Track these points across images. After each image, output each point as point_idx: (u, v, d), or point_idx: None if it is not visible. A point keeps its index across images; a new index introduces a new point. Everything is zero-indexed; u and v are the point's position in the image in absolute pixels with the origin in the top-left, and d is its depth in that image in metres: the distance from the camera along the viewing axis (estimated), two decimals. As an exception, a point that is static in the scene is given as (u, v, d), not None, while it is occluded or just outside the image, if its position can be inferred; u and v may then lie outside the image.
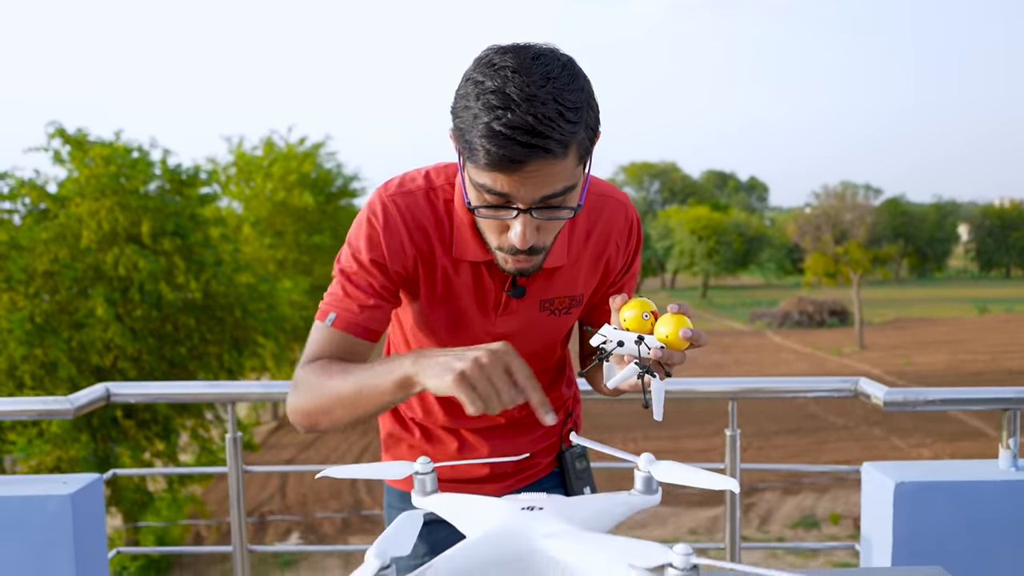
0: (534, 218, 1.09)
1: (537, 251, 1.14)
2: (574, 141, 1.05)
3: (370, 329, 1.23)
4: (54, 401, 1.92)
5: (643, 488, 0.95)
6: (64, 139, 12.05)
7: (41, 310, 11.26)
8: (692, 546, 0.76)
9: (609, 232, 1.31)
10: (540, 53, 1.06)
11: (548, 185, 1.05)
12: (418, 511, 0.83)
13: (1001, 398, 1.97)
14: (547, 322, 1.32)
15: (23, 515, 1.84)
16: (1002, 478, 1.93)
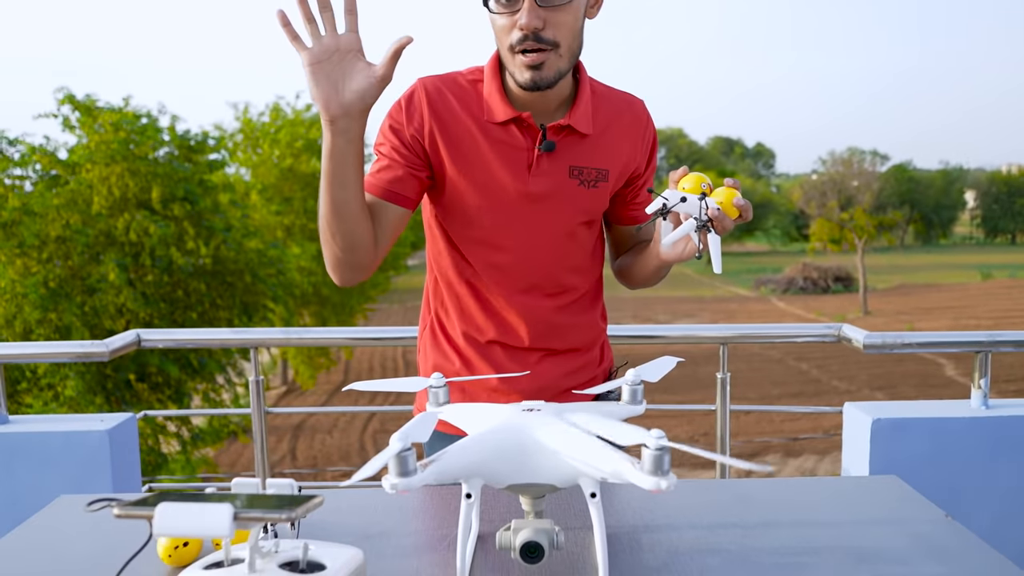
0: (538, 4, 1.24)
1: (546, 41, 1.27)
2: None
3: (391, 191, 1.36)
4: (91, 345, 2.06)
5: (629, 399, 1.09)
6: (73, 105, 12.13)
7: (54, 275, 11.43)
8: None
9: (628, 114, 1.45)
10: None
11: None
12: (433, 412, 0.97)
13: (973, 341, 2.10)
14: (577, 192, 1.40)
15: (66, 448, 2.00)
16: (972, 415, 2.08)
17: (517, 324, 1.45)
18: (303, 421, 18.59)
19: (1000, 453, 2.05)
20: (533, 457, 0.91)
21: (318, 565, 0.83)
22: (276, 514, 0.73)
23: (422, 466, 0.83)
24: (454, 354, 1.50)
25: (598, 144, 1.41)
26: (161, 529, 0.71)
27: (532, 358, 1.48)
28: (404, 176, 1.36)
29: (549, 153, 1.37)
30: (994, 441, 2.06)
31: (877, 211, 43.36)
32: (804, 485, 1.26)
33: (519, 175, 1.38)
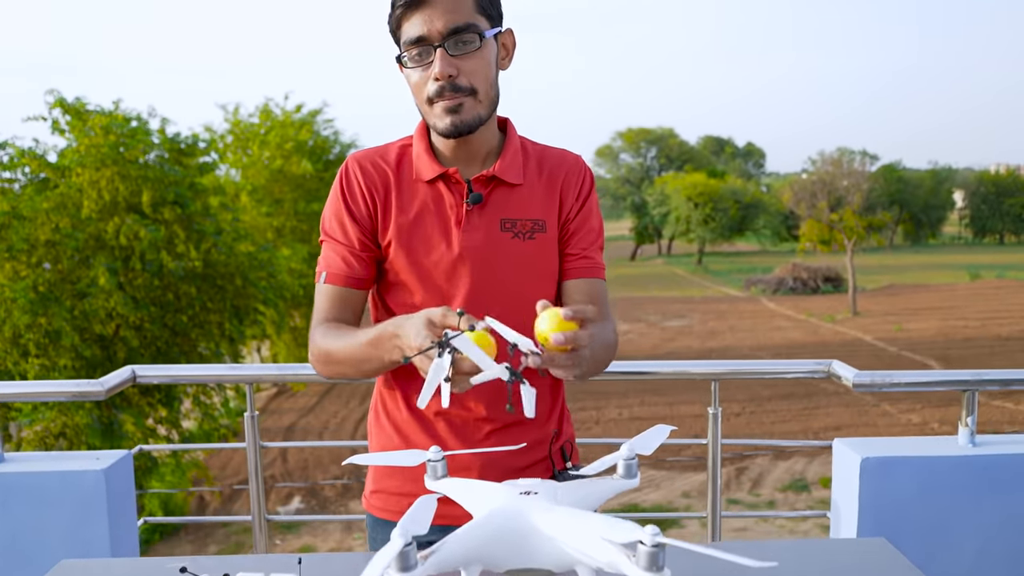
0: (448, 53, 1.29)
1: (462, 89, 1.31)
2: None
3: (354, 277, 1.40)
4: (87, 384, 2.07)
5: (624, 473, 1.11)
6: (63, 108, 12.08)
7: (44, 279, 11.38)
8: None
9: (561, 166, 1.44)
10: None
11: (452, 16, 1.28)
12: (432, 495, 0.98)
13: (960, 380, 2.13)
14: (511, 246, 1.37)
15: (61, 489, 2.01)
16: (960, 453, 2.10)
17: (466, 396, 1.38)
18: (294, 423, 18.56)
19: (987, 491, 2.08)
20: (531, 542, 0.93)
21: None
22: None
23: (422, 558, 0.85)
24: (394, 432, 1.46)
25: (531, 194, 1.41)
26: None
27: (479, 434, 1.42)
28: (364, 261, 1.41)
29: (479, 207, 1.37)
30: (981, 479, 2.09)
31: (866, 211, 43.53)
32: (793, 549, 1.29)
33: (450, 234, 1.38)
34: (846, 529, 2.14)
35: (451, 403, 1.32)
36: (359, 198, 1.40)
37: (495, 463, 1.41)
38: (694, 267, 54.47)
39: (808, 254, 46.17)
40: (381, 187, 1.40)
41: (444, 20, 1.29)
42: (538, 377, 1.43)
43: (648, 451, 1.11)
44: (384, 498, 1.48)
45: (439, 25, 1.29)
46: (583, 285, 1.43)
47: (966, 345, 25.71)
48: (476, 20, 1.31)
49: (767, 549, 1.27)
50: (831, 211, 40.81)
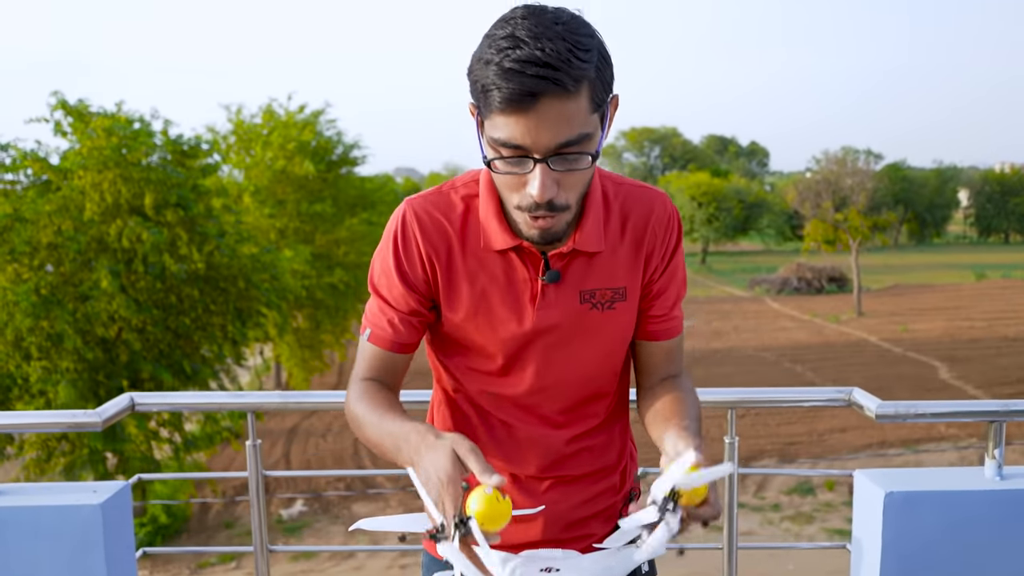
0: (551, 168, 1.07)
1: (558, 208, 1.11)
2: (586, 79, 1.04)
3: (399, 343, 1.26)
4: (83, 414, 2.00)
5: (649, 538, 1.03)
6: (66, 110, 12.04)
7: (46, 282, 11.35)
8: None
9: (647, 219, 1.27)
10: (550, 8, 1.07)
11: (563, 129, 1.04)
12: (450, 572, 0.92)
13: (987, 411, 2.05)
14: (590, 318, 1.25)
15: (57, 524, 1.94)
16: (987, 487, 2.03)
17: (524, 453, 1.32)
18: (296, 425, 18.53)
19: (1016, 527, 2.01)
20: None
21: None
22: None
23: None
24: None
25: (613, 259, 1.26)
26: None
27: (540, 487, 1.34)
28: (412, 326, 1.27)
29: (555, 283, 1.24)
30: (1010, 515, 2.01)
31: (871, 211, 43.40)
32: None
33: (523, 310, 1.24)
34: (868, 565, 2.07)
35: (505, 461, 1.33)
36: (416, 261, 1.24)
37: (557, 517, 1.34)
38: (698, 267, 54.40)
39: (812, 254, 46.07)
40: (444, 252, 1.24)
41: (553, 133, 1.04)
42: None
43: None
44: None
45: (546, 139, 1.04)
46: (663, 346, 1.34)
47: (972, 346, 25.60)
48: (589, 127, 1.07)
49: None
50: (836, 210, 40.71)
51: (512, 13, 1.06)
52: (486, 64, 1.04)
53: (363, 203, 21.90)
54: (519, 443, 1.32)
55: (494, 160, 1.09)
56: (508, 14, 1.07)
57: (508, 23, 1.05)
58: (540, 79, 1.00)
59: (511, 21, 1.05)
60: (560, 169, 1.07)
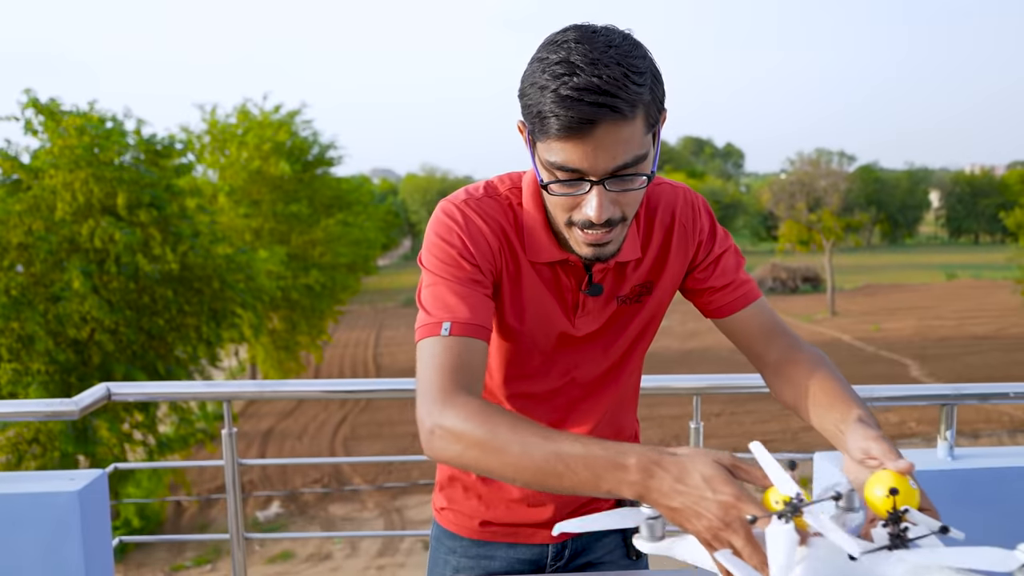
0: (608, 190, 1.08)
1: (613, 224, 1.12)
2: (641, 103, 1.04)
3: (485, 328, 1.16)
4: (59, 403, 2.02)
5: (847, 505, 0.90)
6: (37, 109, 11.92)
7: (16, 283, 11.23)
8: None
9: (672, 214, 1.29)
10: (600, 29, 1.08)
11: (620, 152, 1.05)
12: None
13: (939, 395, 2.14)
14: (621, 315, 1.30)
15: (34, 511, 1.96)
16: (939, 467, 2.11)
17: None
18: (272, 427, 18.44)
19: (967, 506, 2.09)
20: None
21: None
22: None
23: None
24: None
25: (643, 261, 1.29)
26: None
27: None
28: (490, 309, 1.20)
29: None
30: (961, 493, 2.10)
31: (844, 212, 43.94)
32: None
33: (564, 317, 1.28)
34: (827, 544, 2.14)
35: (540, 411, 1.32)
36: (485, 246, 1.20)
37: (568, 500, 1.39)
38: (673, 267, 54.65)
39: (787, 254, 46.55)
40: (507, 249, 1.24)
41: (611, 157, 1.05)
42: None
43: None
44: (454, 515, 1.45)
45: (603, 163, 1.05)
46: (754, 314, 1.31)
47: (942, 344, 26.02)
48: (645, 148, 1.07)
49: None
50: (809, 212, 41.16)
51: (564, 36, 1.06)
52: (541, 90, 1.04)
53: (339, 204, 21.84)
54: None
55: (551, 184, 1.09)
56: (559, 37, 1.07)
57: (561, 47, 1.04)
58: (598, 107, 1.01)
59: (564, 45, 1.04)
60: (616, 190, 1.09)
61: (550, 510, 1.38)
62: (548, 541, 1.42)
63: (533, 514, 1.39)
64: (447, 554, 1.46)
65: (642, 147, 1.07)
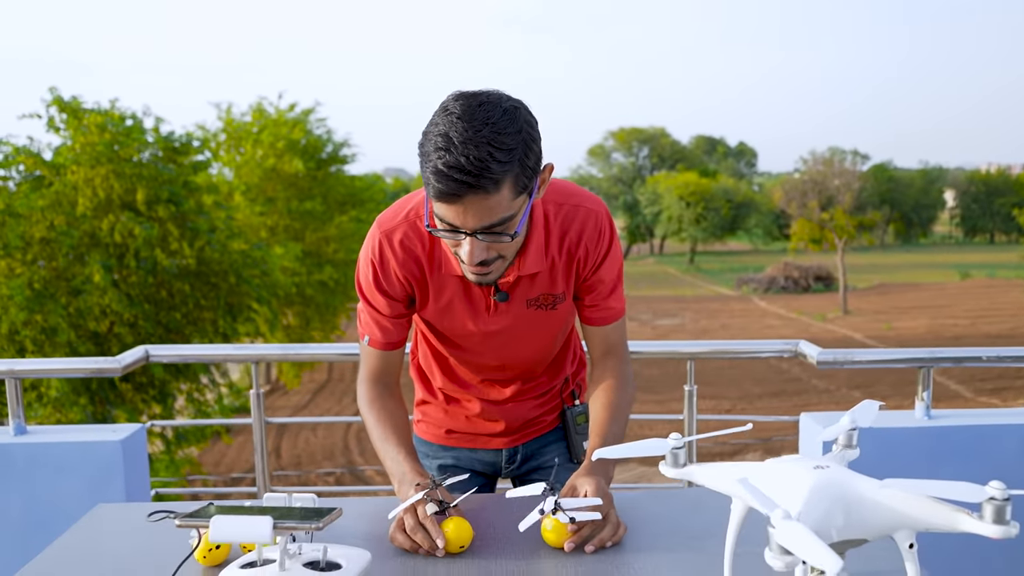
0: (479, 240, 1.29)
1: (489, 263, 1.34)
2: (506, 178, 1.24)
3: (393, 343, 1.56)
4: (104, 361, 2.22)
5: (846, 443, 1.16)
6: (59, 106, 12.17)
7: (39, 276, 11.48)
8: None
9: (581, 236, 1.48)
10: (486, 100, 1.25)
11: (486, 216, 1.25)
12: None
13: (917, 358, 2.30)
14: (536, 315, 1.54)
15: (81, 458, 2.15)
16: (916, 425, 2.27)
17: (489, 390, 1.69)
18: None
19: (942, 461, 2.25)
20: (855, 512, 0.94)
21: (335, 564, 1.00)
22: (307, 524, 0.91)
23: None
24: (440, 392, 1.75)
25: (552, 272, 1.51)
26: (216, 537, 0.88)
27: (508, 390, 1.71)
28: (401, 325, 1.56)
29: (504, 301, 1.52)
30: (936, 449, 2.26)
31: (857, 211, 43.85)
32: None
33: (479, 317, 1.53)
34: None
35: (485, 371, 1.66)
36: (394, 280, 1.49)
37: (514, 418, 1.71)
38: (686, 266, 54.74)
39: (799, 253, 46.48)
40: (417, 273, 1.49)
41: (477, 219, 1.26)
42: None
43: (865, 424, 1.17)
44: (426, 425, 1.80)
45: (471, 223, 1.27)
46: (604, 332, 1.61)
47: (956, 343, 25.95)
48: (511, 210, 1.28)
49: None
50: (822, 210, 41.11)
51: (453, 107, 1.25)
52: (426, 156, 1.24)
53: (352, 201, 22.04)
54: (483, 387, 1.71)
55: (435, 231, 1.32)
56: (450, 106, 1.25)
57: (447, 118, 1.24)
58: (463, 183, 1.21)
59: (448, 118, 1.23)
60: (487, 240, 1.30)
61: (501, 425, 1.72)
62: (502, 447, 1.75)
63: (488, 427, 1.72)
64: (424, 458, 1.80)
65: (508, 210, 1.27)
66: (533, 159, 1.29)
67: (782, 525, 0.85)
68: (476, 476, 1.77)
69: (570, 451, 1.75)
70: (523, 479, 1.78)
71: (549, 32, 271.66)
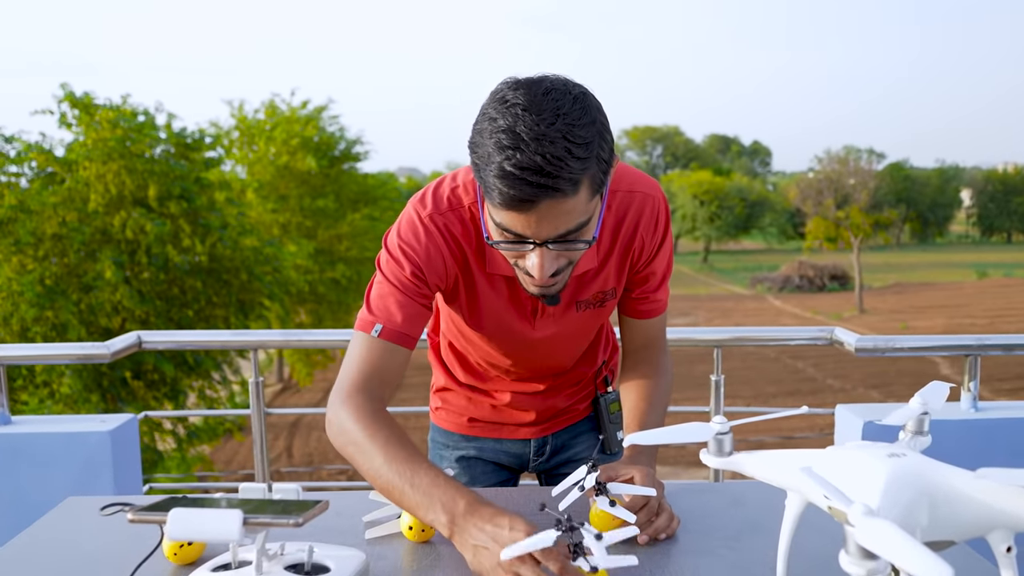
0: (551, 250, 1.11)
1: (558, 274, 1.16)
2: (585, 177, 1.05)
3: (410, 336, 1.25)
4: (92, 346, 2.09)
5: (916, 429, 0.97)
6: (71, 103, 12.13)
7: (50, 273, 11.44)
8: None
9: (636, 226, 1.31)
10: (551, 88, 1.06)
11: (562, 223, 1.07)
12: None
13: (963, 345, 2.14)
14: (584, 316, 1.38)
15: (68, 449, 2.02)
16: (962, 418, 2.11)
17: (520, 384, 1.54)
18: (299, 419, 18.61)
19: (989, 455, 2.09)
20: (943, 508, 0.79)
21: (322, 567, 0.85)
22: (283, 519, 0.76)
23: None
24: (463, 384, 1.59)
25: (603, 269, 1.34)
26: (174, 534, 0.74)
27: (542, 385, 1.56)
28: (422, 320, 1.28)
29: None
30: (984, 443, 2.09)
31: (873, 209, 43.44)
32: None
33: (524, 322, 1.36)
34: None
35: (516, 372, 1.49)
36: (439, 263, 1.27)
37: (547, 408, 1.56)
38: (700, 265, 54.40)
39: (814, 252, 46.13)
40: (463, 266, 1.30)
41: (552, 227, 1.08)
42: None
43: (938, 406, 1.02)
44: (446, 413, 1.63)
45: (545, 232, 1.09)
46: (646, 326, 1.46)
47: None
48: (588, 213, 1.10)
49: (768, 490, 1.28)
50: (837, 209, 40.76)
51: (514, 98, 1.05)
52: (488, 157, 1.05)
53: (365, 199, 21.97)
54: (509, 393, 1.55)
55: (497, 242, 1.13)
56: (509, 96, 1.06)
57: (509, 111, 1.04)
58: (539, 187, 1.02)
59: (512, 110, 1.04)
60: (559, 250, 1.12)
61: (532, 415, 1.55)
62: (530, 437, 1.58)
63: (517, 416, 1.56)
64: (441, 449, 1.64)
65: (585, 213, 1.09)
66: (607, 151, 1.10)
67: (865, 523, 0.69)
68: (500, 469, 1.61)
69: (603, 442, 1.59)
70: (551, 474, 1.62)
71: (561, 30, 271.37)
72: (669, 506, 1.18)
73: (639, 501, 1.15)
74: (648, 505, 1.15)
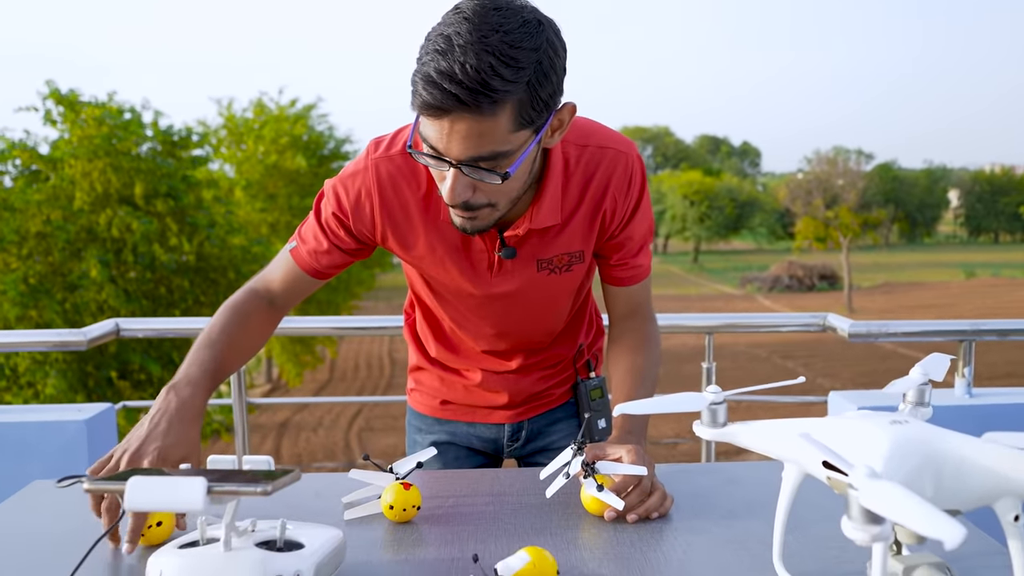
0: (464, 174, 1.05)
1: (475, 208, 1.10)
2: (508, 101, 0.99)
3: (316, 270, 1.30)
4: (68, 333, 2.03)
5: (917, 400, 0.93)
6: (56, 100, 12.01)
7: (35, 271, 11.32)
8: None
9: (607, 185, 1.25)
10: (506, 5, 1.01)
11: (472, 145, 1.01)
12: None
13: (957, 330, 2.11)
14: (548, 280, 1.31)
15: (43, 438, 1.97)
16: (956, 403, 2.08)
17: (491, 361, 1.48)
18: (287, 419, 18.51)
19: (984, 441, 2.05)
20: (949, 476, 0.76)
21: (296, 544, 0.81)
22: (251, 487, 0.71)
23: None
24: (436, 362, 1.54)
25: (569, 228, 1.27)
26: (132, 504, 0.69)
27: (508, 367, 1.49)
28: (335, 260, 1.30)
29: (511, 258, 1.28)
30: (978, 429, 2.05)
31: (862, 210, 43.63)
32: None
33: (481, 278, 1.30)
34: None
35: (485, 340, 1.42)
36: (373, 225, 1.26)
37: (519, 391, 1.49)
38: (690, 265, 54.50)
39: (804, 252, 46.29)
40: (402, 222, 1.26)
41: (463, 147, 1.02)
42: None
43: (940, 377, 0.98)
44: (420, 395, 1.59)
45: (456, 150, 1.03)
46: (622, 293, 1.40)
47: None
48: (507, 145, 1.04)
49: (762, 469, 1.24)
50: (826, 209, 40.91)
51: (465, 7, 1.01)
52: (419, 59, 1.01)
53: (354, 198, 21.92)
54: (482, 358, 1.49)
55: (415, 152, 1.08)
56: (463, 4, 1.02)
57: (455, 17, 1.00)
58: (452, 96, 0.97)
59: (457, 16, 1.00)
60: (474, 178, 1.06)
61: (504, 397, 1.49)
62: (504, 421, 1.52)
63: (489, 398, 1.50)
64: (415, 433, 1.59)
65: (503, 144, 1.02)
66: (548, 89, 1.03)
67: (869, 485, 0.65)
68: (474, 455, 1.56)
69: (581, 430, 1.54)
70: (527, 460, 1.56)
71: (563, 26, 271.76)
72: (661, 485, 1.14)
73: (630, 481, 1.11)
74: (640, 485, 1.10)
